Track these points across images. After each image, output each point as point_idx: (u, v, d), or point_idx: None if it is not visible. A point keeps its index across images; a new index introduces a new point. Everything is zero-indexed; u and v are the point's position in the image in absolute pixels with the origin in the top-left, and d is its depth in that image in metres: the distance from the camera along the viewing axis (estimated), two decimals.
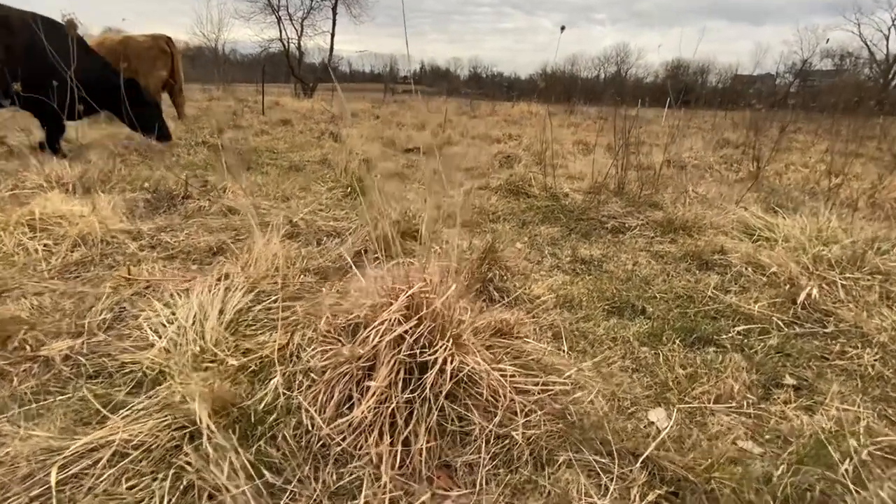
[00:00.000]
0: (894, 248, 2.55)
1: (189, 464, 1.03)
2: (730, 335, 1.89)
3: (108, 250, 2.23)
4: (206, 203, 2.96)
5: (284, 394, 1.24)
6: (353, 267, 1.69)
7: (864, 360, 1.72)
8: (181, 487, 1.00)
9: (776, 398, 1.50)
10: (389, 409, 1.10)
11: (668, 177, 4.53)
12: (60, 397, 1.25)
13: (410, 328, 1.17)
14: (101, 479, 1.00)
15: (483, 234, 2.88)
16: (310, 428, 1.13)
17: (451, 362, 1.19)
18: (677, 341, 1.80)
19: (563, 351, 1.65)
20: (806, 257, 2.44)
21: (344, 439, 1.09)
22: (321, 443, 1.11)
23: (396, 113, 11.68)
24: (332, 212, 3.03)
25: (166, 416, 1.13)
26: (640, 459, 1.18)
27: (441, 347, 1.19)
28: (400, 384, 1.15)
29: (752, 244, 2.85)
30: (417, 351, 1.16)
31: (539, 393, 1.30)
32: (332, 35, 22.78)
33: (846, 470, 1.20)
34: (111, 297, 1.73)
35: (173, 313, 1.60)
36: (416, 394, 1.15)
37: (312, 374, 1.26)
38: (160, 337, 1.48)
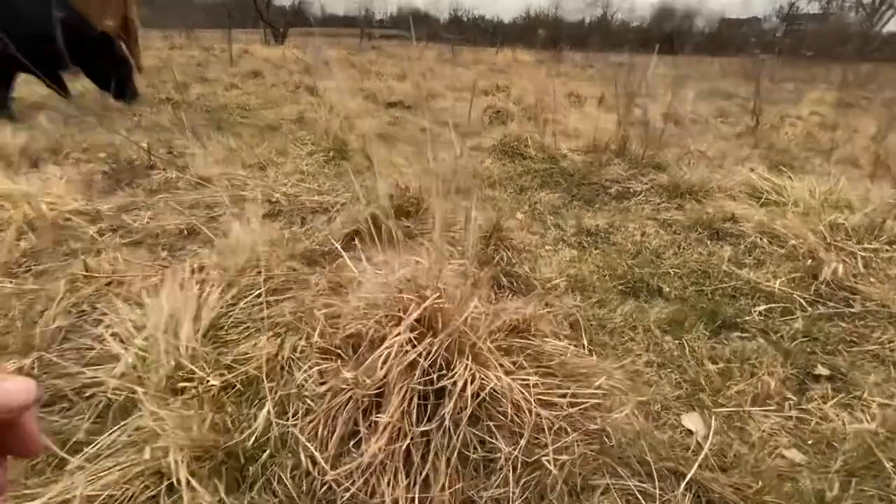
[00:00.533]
0: None
1: None
2: (752, 317, 1.77)
3: (63, 236, 1.96)
4: (174, 174, 2.65)
5: (278, 423, 1.07)
6: (345, 255, 1.48)
7: None
8: None
9: (813, 394, 1.40)
10: (403, 446, 0.94)
11: (669, 134, 4.31)
12: None
13: (424, 349, 0.99)
14: None
15: (482, 204, 2.67)
16: (310, 469, 0.97)
17: (472, 383, 1.02)
18: (700, 327, 1.67)
19: (584, 346, 1.51)
20: (821, 225, 2.31)
21: (353, 483, 0.93)
22: (326, 486, 0.95)
23: (375, 61, 11.00)
24: (315, 182, 2.76)
25: (137, 459, 0.95)
26: (685, 482, 1.06)
27: (461, 367, 1.02)
28: (414, 414, 0.98)
29: (762, 210, 2.71)
30: (434, 376, 0.99)
31: (568, 407, 1.15)
32: None
33: None
34: (67, 299, 1.50)
35: (141, 315, 1.38)
36: (432, 423, 0.99)
37: (309, 401, 1.08)
38: (126, 349, 1.28)
